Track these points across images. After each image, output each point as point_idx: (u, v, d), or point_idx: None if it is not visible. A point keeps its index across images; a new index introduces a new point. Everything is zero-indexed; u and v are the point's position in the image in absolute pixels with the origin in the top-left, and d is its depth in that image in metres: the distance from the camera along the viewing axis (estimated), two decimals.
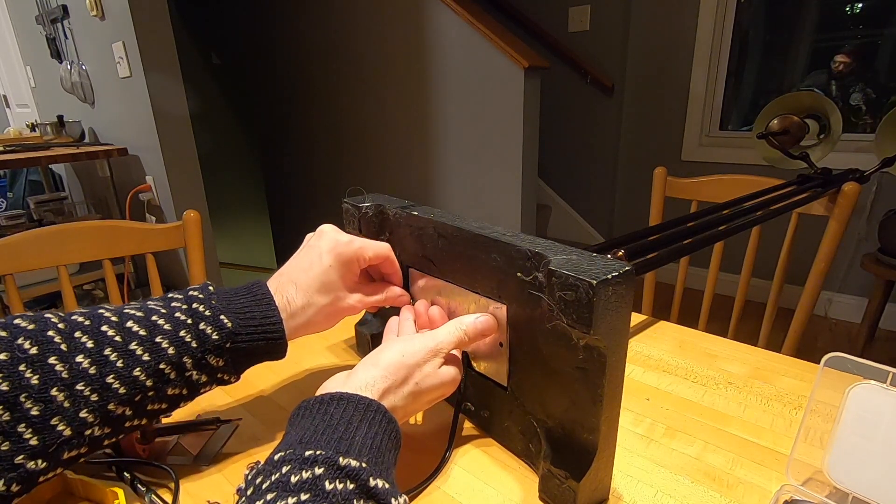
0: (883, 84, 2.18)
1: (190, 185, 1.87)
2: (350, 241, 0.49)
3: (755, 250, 1.02)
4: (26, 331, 0.35)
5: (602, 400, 0.37)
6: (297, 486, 0.29)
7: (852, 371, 0.39)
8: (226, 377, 0.43)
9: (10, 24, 2.75)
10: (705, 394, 0.57)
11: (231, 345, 0.41)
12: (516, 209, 1.98)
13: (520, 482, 0.44)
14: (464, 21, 1.87)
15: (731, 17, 2.34)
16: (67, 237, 0.88)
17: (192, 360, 0.40)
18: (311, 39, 2.47)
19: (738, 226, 0.71)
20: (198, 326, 0.40)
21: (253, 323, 0.43)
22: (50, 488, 0.44)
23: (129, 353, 0.37)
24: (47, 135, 2.11)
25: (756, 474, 0.45)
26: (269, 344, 0.43)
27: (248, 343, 0.42)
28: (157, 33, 1.69)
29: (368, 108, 2.37)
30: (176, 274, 2.02)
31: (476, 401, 0.51)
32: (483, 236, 0.44)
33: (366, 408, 0.35)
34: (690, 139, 2.55)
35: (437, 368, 0.42)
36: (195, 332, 0.40)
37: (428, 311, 0.50)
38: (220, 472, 0.46)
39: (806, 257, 1.01)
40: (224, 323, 0.41)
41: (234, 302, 0.43)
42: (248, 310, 0.43)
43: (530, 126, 1.89)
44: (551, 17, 2.73)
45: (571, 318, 0.35)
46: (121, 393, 0.37)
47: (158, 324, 0.39)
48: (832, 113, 1.02)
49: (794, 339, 0.98)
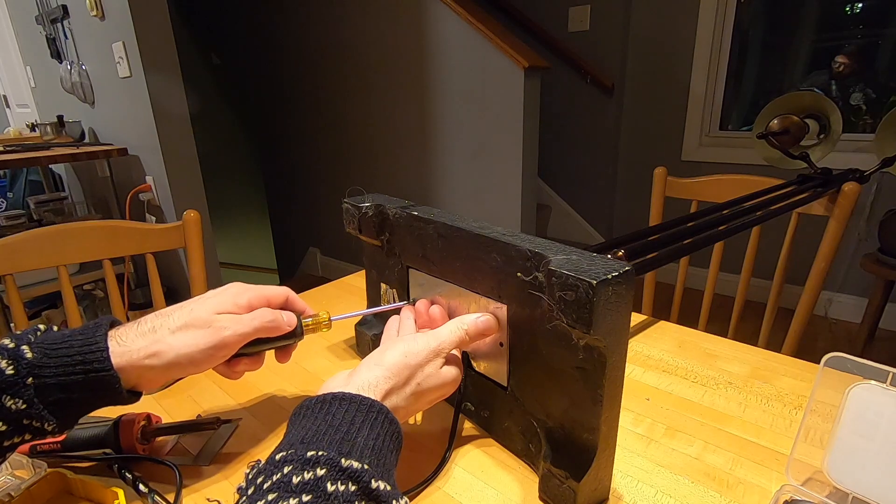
0: (883, 84, 2.18)
1: (190, 185, 1.87)
2: (247, 288, 0.44)
3: (755, 250, 1.02)
4: None
5: (602, 400, 0.37)
6: (298, 487, 0.29)
7: (852, 371, 0.39)
8: (36, 423, 0.34)
9: (10, 24, 2.75)
10: (705, 394, 0.57)
11: (34, 380, 0.33)
12: (516, 209, 1.98)
13: (520, 482, 0.44)
14: (464, 21, 1.87)
15: (731, 17, 2.34)
16: (67, 237, 0.88)
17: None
18: (312, 39, 2.47)
19: (738, 226, 0.71)
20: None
21: (68, 353, 0.34)
22: (50, 488, 0.44)
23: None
24: (47, 135, 2.11)
25: (756, 474, 0.45)
26: (92, 379, 0.35)
27: (57, 378, 0.34)
28: (157, 33, 1.69)
29: (368, 107, 2.37)
30: (176, 274, 2.02)
31: (476, 401, 0.51)
32: (483, 236, 0.44)
33: (368, 409, 0.35)
34: (690, 139, 2.55)
35: (438, 369, 0.42)
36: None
37: (428, 310, 0.50)
38: (220, 472, 0.46)
39: (806, 257, 1.01)
40: (23, 353, 0.34)
41: (54, 335, 0.36)
42: (65, 339, 0.35)
43: (530, 126, 1.89)
44: (551, 17, 2.73)
45: (571, 318, 0.35)
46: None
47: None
48: (832, 113, 1.02)
49: (794, 339, 0.98)
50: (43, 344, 0.35)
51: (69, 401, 0.35)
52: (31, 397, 0.33)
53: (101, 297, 2.16)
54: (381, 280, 0.61)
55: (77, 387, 0.35)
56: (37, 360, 0.34)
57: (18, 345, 0.34)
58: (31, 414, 0.34)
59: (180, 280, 2.01)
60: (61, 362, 0.34)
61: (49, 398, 0.34)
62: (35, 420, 0.34)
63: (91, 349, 0.35)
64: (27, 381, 0.33)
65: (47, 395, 0.34)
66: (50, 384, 0.34)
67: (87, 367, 0.35)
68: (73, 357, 0.34)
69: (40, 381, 0.34)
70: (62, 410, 0.35)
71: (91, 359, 0.35)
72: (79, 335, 0.36)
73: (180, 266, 1.98)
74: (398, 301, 0.58)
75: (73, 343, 0.35)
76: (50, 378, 0.34)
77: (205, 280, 0.98)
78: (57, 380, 0.34)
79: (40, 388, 0.34)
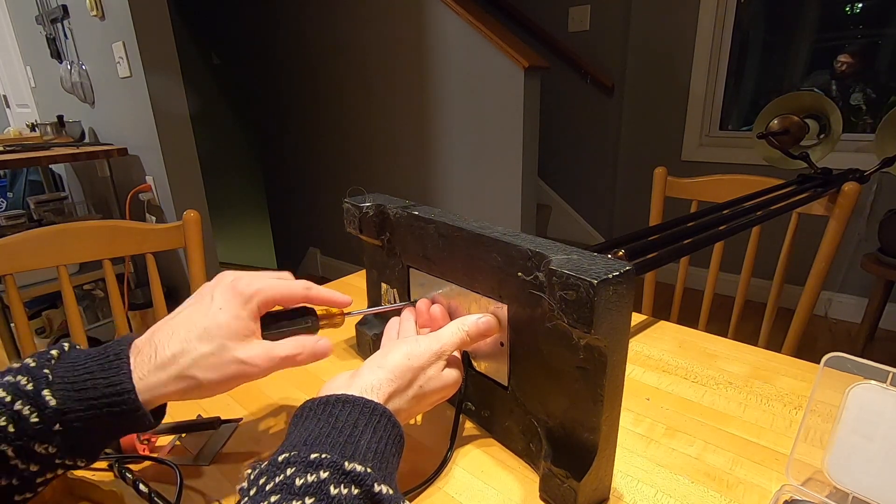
0: (883, 84, 2.18)
1: (190, 185, 1.87)
2: (251, 280, 0.41)
3: (755, 250, 1.02)
4: None
5: (602, 399, 0.37)
6: (301, 490, 0.29)
7: (852, 371, 0.39)
8: (69, 462, 0.35)
9: (10, 24, 2.75)
10: (705, 394, 0.57)
11: (62, 427, 0.33)
12: (516, 209, 1.98)
13: (520, 482, 0.45)
14: (463, 21, 1.87)
15: (731, 17, 2.34)
16: (67, 237, 0.88)
17: (12, 448, 0.32)
18: (311, 39, 2.47)
19: (738, 226, 0.71)
20: (12, 407, 0.32)
21: (93, 395, 0.34)
22: (50, 488, 0.44)
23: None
24: (47, 135, 2.11)
25: (756, 474, 0.45)
26: (119, 416, 0.35)
27: (86, 423, 0.34)
28: (157, 33, 1.69)
29: (368, 107, 2.37)
30: (176, 274, 2.02)
31: (477, 400, 0.51)
32: (484, 236, 0.44)
33: (371, 412, 0.35)
34: (690, 139, 2.55)
35: (440, 371, 0.42)
36: (10, 415, 0.32)
37: (429, 309, 0.50)
38: (221, 472, 0.46)
39: (806, 257, 1.01)
40: (46, 401, 0.33)
41: (74, 369, 0.35)
42: (87, 378, 0.35)
43: (530, 126, 1.89)
44: (551, 17, 2.73)
45: (572, 318, 0.35)
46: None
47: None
48: (832, 113, 1.02)
49: (794, 339, 0.98)
50: (64, 383, 0.34)
51: (97, 438, 0.36)
52: (59, 443, 0.34)
53: (101, 297, 2.16)
54: (381, 280, 0.61)
55: (105, 426, 0.35)
56: (61, 405, 0.33)
57: (38, 388, 0.33)
58: (63, 456, 0.34)
59: (180, 280, 2.01)
60: (87, 405, 0.34)
61: (77, 439, 0.34)
62: (67, 460, 0.35)
63: (116, 389, 0.34)
64: (54, 429, 0.33)
65: (75, 436, 0.34)
66: (77, 428, 0.34)
67: (115, 410, 0.34)
68: (100, 400, 0.34)
69: (67, 426, 0.34)
70: (91, 447, 0.36)
71: (118, 401, 0.34)
72: (101, 373, 0.35)
73: (180, 266, 1.98)
74: (399, 301, 0.58)
75: (98, 384, 0.34)
76: (78, 423, 0.34)
77: (205, 280, 0.98)
78: (84, 424, 0.34)
79: (68, 433, 0.34)
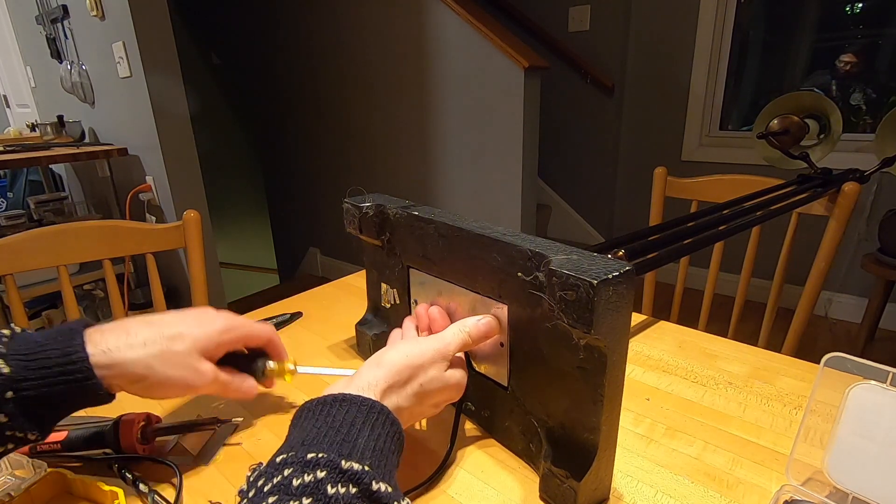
0: (883, 84, 2.18)
1: (190, 185, 1.87)
2: (227, 324, 0.44)
3: (755, 250, 1.02)
4: None
5: (602, 400, 0.37)
6: (298, 490, 0.29)
7: (852, 371, 0.39)
8: (19, 434, 0.34)
9: (10, 24, 2.74)
10: (705, 394, 0.57)
11: (14, 394, 0.33)
12: (516, 209, 1.98)
13: (520, 482, 0.45)
14: (464, 21, 1.87)
15: (731, 17, 2.34)
16: (67, 237, 0.88)
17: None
18: (311, 39, 2.47)
19: (738, 226, 0.71)
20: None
21: (46, 364, 0.34)
22: (50, 488, 0.44)
23: None
24: (47, 135, 2.11)
25: (756, 474, 0.45)
26: (75, 387, 0.34)
27: (39, 390, 0.33)
28: (157, 33, 1.69)
29: (368, 107, 2.37)
30: (176, 274, 2.02)
31: (477, 401, 0.51)
32: (484, 236, 0.44)
33: (368, 409, 0.35)
34: (690, 139, 2.55)
35: (442, 371, 0.42)
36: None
37: (428, 311, 0.50)
38: (221, 472, 0.46)
39: (806, 257, 1.01)
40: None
41: (27, 343, 0.35)
42: (41, 348, 0.34)
43: (530, 126, 1.89)
44: (551, 17, 2.73)
45: (572, 318, 0.35)
46: None
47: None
48: (832, 113, 1.02)
49: (794, 339, 0.98)
50: (17, 354, 0.34)
51: (49, 409, 0.35)
52: (11, 411, 0.33)
53: (101, 297, 2.16)
54: (381, 280, 0.61)
55: (58, 396, 0.34)
56: (14, 373, 0.33)
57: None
58: (13, 426, 0.34)
59: (180, 280, 2.01)
60: (40, 374, 0.33)
61: (29, 409, 0.34)
62: (18, 431, 0.34)
63: (71, 358, 0.34)
64: (6, 396, 0.33)
65: (27, 406, 0.34)
66: (29, 396, 0.33)
67: (69, 378, 0.34)
68: (52, 368, 0.34)
69: (19, 394, 0.33)
70: (42, 419, 0.35)
71: (72, 369, 0.34)
72: (54, 343, 0.35)
73: (180, 266, 1.98)
74: (398, 301, 0.58)
75: (51, 353, 0.34)
76: (30, 391, 0.33)
77: (205, 280, 0.98)
78: (37, 391, 0.33)
79: (20, 401, 0.33)
